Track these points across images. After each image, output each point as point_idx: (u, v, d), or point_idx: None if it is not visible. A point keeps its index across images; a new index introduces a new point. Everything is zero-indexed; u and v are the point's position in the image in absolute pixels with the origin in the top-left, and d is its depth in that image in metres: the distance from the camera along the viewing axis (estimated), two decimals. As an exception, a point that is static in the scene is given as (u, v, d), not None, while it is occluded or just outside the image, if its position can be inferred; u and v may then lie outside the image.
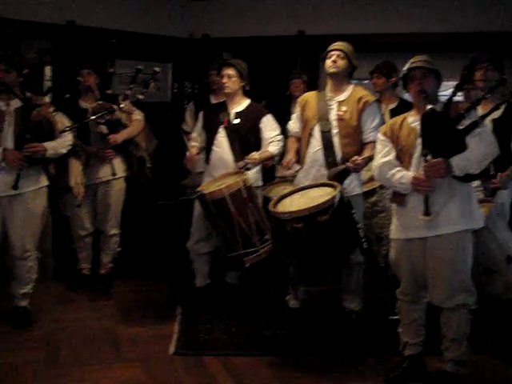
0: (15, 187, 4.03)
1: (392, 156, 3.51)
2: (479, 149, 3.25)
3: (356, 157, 3.99)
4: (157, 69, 4.96)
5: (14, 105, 4.11)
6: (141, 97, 4.96)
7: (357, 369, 3.78)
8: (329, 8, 6.32)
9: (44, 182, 4.28)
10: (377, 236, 4.93)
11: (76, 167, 4.59)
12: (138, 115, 4.99)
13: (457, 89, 3.46)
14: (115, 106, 4.71)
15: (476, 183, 4.08)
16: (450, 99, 3.39)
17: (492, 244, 3.76)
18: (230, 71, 4.58)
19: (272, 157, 4.61)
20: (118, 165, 4.94)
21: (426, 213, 3.29)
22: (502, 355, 3.93)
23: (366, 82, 5.63)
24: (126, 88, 4.99)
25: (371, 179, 4.57)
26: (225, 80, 4.60)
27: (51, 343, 4.05)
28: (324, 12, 6.33)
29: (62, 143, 4.26)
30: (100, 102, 4.73)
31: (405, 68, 3.52)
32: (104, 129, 4.73)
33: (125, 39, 6.17)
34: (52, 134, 4.22)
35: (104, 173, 4.88)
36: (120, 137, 4.81)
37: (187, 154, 4.65)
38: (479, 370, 3.71)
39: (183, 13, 6.76)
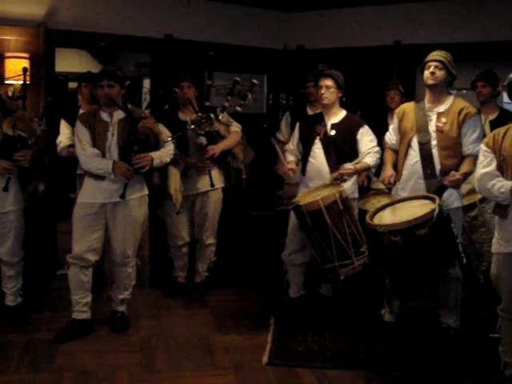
0: (123, 196, 4.19)
1: (493, 166, 3.41)
2: None
3: (453, 172, 3.90)
4: (255, 81, 5.04)
5: (117, 116, 4.27)
6: (239, 109, 5.05)
7: (452, 387, 3.69)
8: (425, 17, 6.20)
9: (146, 190, 4.42)
10: (476, 251, 4.77)
11: (175, 175, 4.71)
12: (235, 127, 5.07)
13: None
14: (213, 115, 4.81)
15: None
16: None
17: None
18: (328, 82, 4.58)
19: (368, 168, 4.58)
20: (216, 176, 5.01)
21: None
22: None
23: (464, 91, 5.50)
24: (224, 100, 5.10)
25: (471, 192, 4.46)
26: (323, 91, 4.59)
27: (147, 348, 4.16)
28: (419, 21, 6.22)
29: (166, 152, 4.39)
30: (199, 114, 4.83)
31: (511, 76, 3.41)
32: (203, 140, 4.83)
33: (221, 51, 6.27)
34: (157, 144, 4.36)
35: (202, 184, 4.98)
36: (218, 148, 4.88)
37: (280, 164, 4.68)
38: None
39: (278, 25, 6.81)
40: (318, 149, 4.65)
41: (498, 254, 3.45)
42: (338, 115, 4.71)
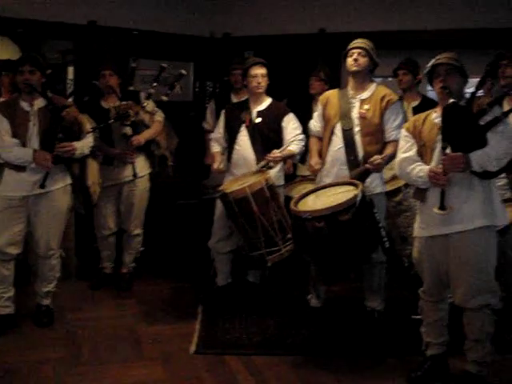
0: (42, 186, 4.06)
1: (413, 151, 3.48)
2: (500, 146, 3.20)
3: (376, 156, 3.98)
4: (183, 71, 5.00)
5: (37, 105, 4.14)
6: (165, 98, 5.01)
7: (378, 369, 3.75)
8: (349, 5, 6.28)
9: (68, 180, 4.30)
10: (401, 235, 4.90)
11: (93, 167, 4.61)
12: (159, 116, 5.01)
13: (480, 84, 3.43)
14: (138, 107, 4.74)
15: (503, 182, 4.05)
16: (472, 94, 3.36)
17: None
18: (264, 70, 4.60)
19: (293, 155, 4.61)
20: (141, 164, 4.96)
21: (442, 207, 3.24)
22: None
23: (390, 79, 5.60)
24: (150, 87, 5.02)
25: (395, 178, 4.55)
26: (260, 80, 4.59)
27: (73, 341, 4.07)
28: (345, 9, 6.29)
29: (87, 144, 4.29)
30: (123, 102, 4.74)
31: (429, 64, 3.47)
32: (128, 130, 4.75)
33: (146, 39, 6.21)
34: (80, 134, 4.25)
35: (127, 173, 4.90)
36: (143, 137, 4.83)
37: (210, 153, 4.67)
38: (503, 370, 3.67)
39: (204, 12, 6.75)
40: (243, 136, 4.66)
41: (420, 237, 3.53)
42: (264, 103, 4.72)
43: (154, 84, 4.96)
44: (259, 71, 4.58)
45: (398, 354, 3.93)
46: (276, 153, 4.45)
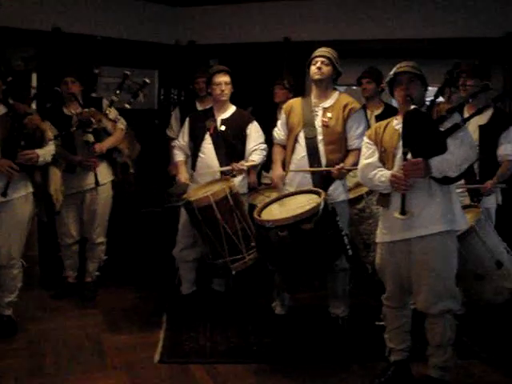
0: (4, 194, 4.00)
1: (375, 158, 3.53)
2: (459, 152, 3.26)
3: (342, 164, 4.01)
4: (147, 80, 4.99)
5: (-2, 112, 4.09)
6: (128, 106, 4.99)
7: (342, 375, 3.77)
8: (314, 14, 6.33)
9: (30, 188, 4.24)
10: (364, 242, 4.91)
11: (55, 174, 4.56)
12: (121, 124, 5.01)
13: (439, 92, 3.49)
14: (100, 115, 4.71)
15: (461, 189, 4.12)
16: (432, 101, 3.43)
17: (481, 249, 3.77)
18: (227, 78, 4.61)
19: (255, 166, 4.63)
20: (103, 172, 4.93)
21: (402, 212, 3.28)
22: (489, 360, 3.93)
23: (354, 88, 5.65)
24: (113, 94, 4.99)
25: (358, 185, 4.59)
26: (223, 87, 4.60)
27: (35, 352, 4.01)
28: (309, 18, 6.33)
29: (49, 151, 4.25)
30: (85, 110, 4.71)
31: (391, 73, 3.52)
32: (90, 137, 4.71)
33: (111, 46, 6.16)
34: (42, 142, 4.21)
35: (90, 181, 4.87)
36: (105, 145, 4.81)
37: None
38: (466, 375, 3.74)
39: (169, 19, 6.74)
40: (208, 144, 4.66)
41: (382, 243, 3.56)
42: (228, 111, 4.74)
43: (117, 92, 4.94)
44: (223, 79, 4.59)
45: (361, 360, 3.96)
46: (242, 164, 4.46)
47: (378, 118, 4.88)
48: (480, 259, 3.77)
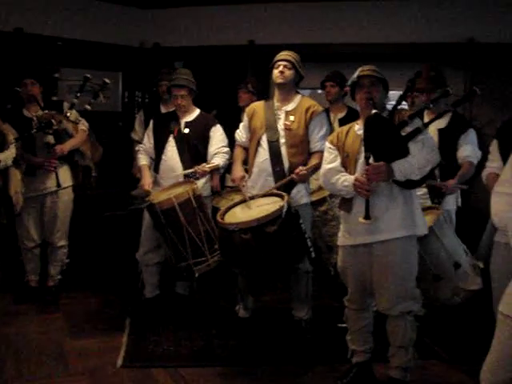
0: None
1: (337, 163, 3.55)
2: (421, 155, 3.30)
3: (300, 168, 4.03)
4: (107, 80, 4.95)
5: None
6: (88, 107, 4.94)
7: (306, 377, 3.79)
8: (278, 18, 6.37)
9: None
10: (327, 244, 4.94)
11: (15, 176, 4.51)
12: (83, 125, 4.96)
13: (401, 98, 3.53)
14: (61, 116, 4.66)
15: (422, 191, 4.17)
16: (394, 107, 3.46)
17: (440, 251, 3.80)
18: (183, 92, 4.60)
19: (218, 168, 4.63)
20: (64, 175, 4.88)
21: (366, 216, 3.30)
22: (450, 360, 3.99)
23: (320, 91, 5.69)
24: (74, 97, 4.95)
25: (321, 188, 4.61)
26: (179, 101, 4.61)
27: (-4, 357, 3.95)
28: (274, 21, 6.37)
29: (10, 155, 4.20)
30: (46, 112, 4.66)
31: (354, 76, 3.55)
32: (51, 139, 4.67)
33: (75, 48, 6.11)
34: (4, 145, 4.15)
35: (51, 183, 4.81)
36: (66, 147, 4.76)
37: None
38: (427, 375, 3.79)
39: (134, 21, 6.71)
40: (171, 147, 4.64)
41: (343, 246, 3.58)
42: (192, 113, 4.74)
43: (78, 94, 4.89)
44: (179, 93, 4.61)
45: (324, 362, 3.98)
46: (205, 166, 4.46)
47: (342, 122, 4.92)
48: (438, 260, 3.80)
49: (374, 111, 3.32)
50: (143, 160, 4.80)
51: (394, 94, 4.71)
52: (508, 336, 2.32)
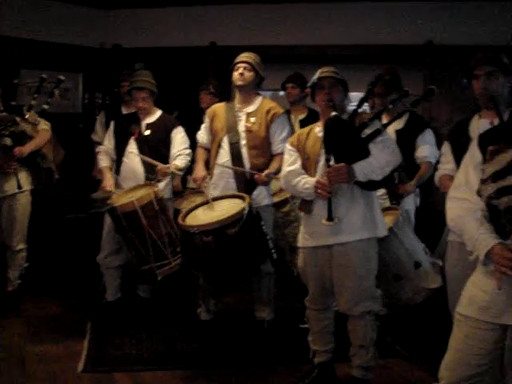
0: None
1: (298, 165, 3.55)
2: (382, 155, 3.33)
3: (267, 171, 4.05)
4: (61, 77, 4.88)
5: None
6: (46, 107, 4.86)
7: (268, 378, 3.79)
8: (240, 19, 6.39)
9: None
10: (290, 245, 4.95)
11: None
12: (44, 125, 4.86)
13: (361, 102, 3.55)
14: (18, 118, 4.58)
15: (381, 191, 4.22)
16: (355, 110, 3.48)
17: (400, 251, 3.83)
18: (144, 94, 4.59)
19: (179, 170, 4.62)
20: (24, 177, 4.79)
21: (329, 218, 3.31)
22: (411, 358, 4.04)
23: (282, 93, 5.70)
24: (32, 98, 4.88)
25: (283, 190, 4.61)
26: (140, 104, 4.60)
27: (-47, 364, 3.87)
28: (235, 23, 6.38)
29: None
30: (3, 114, 4.58)
31: (314, 77, 3.57)
32: (8, 141, 4.58)
33: (34, 49, 6.03)
34: None
35: (9, 186, 4.72)
36: (26, 149, 4.67)
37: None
38: (388, 373, 3.83)
39: (94, 22, 6.65)
40: (132, 149, 4.61)
41: (304, 247, 3.59)
42: (153, 115, 4.72)
43: (36, 95, 4.82)
44: (140, 95, 4.59)
45: (287, 362, 4.00)
46: (165, 167, 4.44)
47: (303, 123, 4.94)
48: (399, 260, 3.83)
49: (333, 113, 3.34)
50: (104, 162, 4.76)
51: (355, 96, 4.74)
52: (466, 335, 2.36)
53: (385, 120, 4.13)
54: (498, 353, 2.31)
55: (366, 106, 4.88)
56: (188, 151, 4.65)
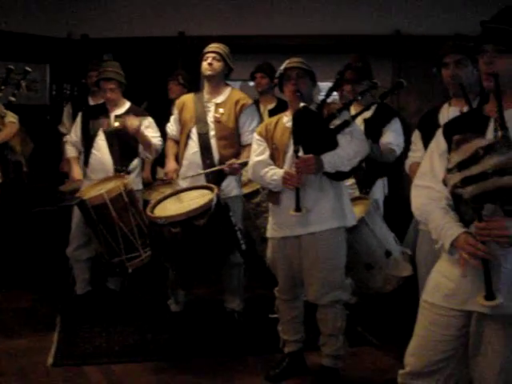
0: None
1: (266, 155, 3.56)
2: (350, 146, 3.35)
3: (233, 160, 4.04)
4: (28, 68, 4.82)
5: None
6: (12, 98, 4.81)
7: (238, 368, 3.81)
8: (208, 9, 6.34)
9: None
10: (261, 236, 4.96)
11: None
12: (11, 117, 4.80)
13: (330, 91, 3.56)
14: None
15: (350, 181, 4.24)
16: (323, 100, 3.49)
17: (371, 240, 3.86)
18: (112, 85, 4.54)
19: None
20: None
21: (297, 209, 3.32)
22: (381, 346, 4.09)
23: (252, 84, 5.69)
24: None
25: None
26: (109, 95, 4.56)
27: None
28: (204, 13, 6.34)
29: None
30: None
31: (281, 68, 3.57)
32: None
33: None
34: None
35: (-25, 181, 4.66)
36: (-7, 142, 4.62)
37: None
38: (358, 361, 3.87)
39: (61, 12, 6.54)
40: (101, 140, 4.58)
41: (273, 238, 3.60)
42: (122, 106, 4.68)
43: (2, 87, 4.75)
44: (108, 86, 4.55)
45: (257, 352, 4.02)
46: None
47: (272, 113, 4.95)
48: (370, 249, 3.86)
49: (302, 104, 3.35)
50: (71, 152, 4.73)
51: (324, 86, 4.76)
52: (431, 322, 2.39)
53: (354, 110, 4.14)
54: (463, 340, 2.34)
55: (336, 96, 4.94)
56: (158, 142, 4.61)
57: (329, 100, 3.61)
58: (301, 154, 3.31)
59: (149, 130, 4.58)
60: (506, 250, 2.15)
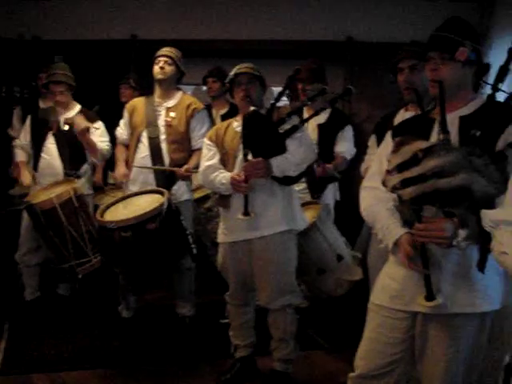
0: None
1: (216, 160, 3.56)
2: (298, 152, 3.38)
3: (186, 166, 4.04)
4: None
5: None
6: (-39, 102, 4.70)
7: (190, 374, 3.79)
8: (162, 13, 6.28)
9: None
10: (212, 241, 4.94)
11: None
12: None
13: (279, 96, 3.59)
14: None
15: (302, 186, 4.28)
16: (272, 104, 3.51)
17: (323, 245, 3.88)
18: (61, 88, 4.51)
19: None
20: None
21: (245, 213, 3.33)
22: (332, 350, 4.12)
23: (205, 88, 5.67)
24: None
25: (204, 185, 4.61)
26: (58, 97, 4.52)
27: None
28: (157, 16, 6.28)
29: None
30: None
31: (231, 73, 3.58)
32: None
33: None
34: None
35: None
36: None
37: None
38: (309, 365, 3.89)
39: (12, 12, 6.42)
40: (50, 144, 4.54)
41: (223, 243, 3.60)
42: (72, 109, 4.65)
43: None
44: (57, 89, 4.52)
45: (209, 358, 4.01)
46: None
47: (224, 118, 4.94)
48: (322, 254, 3.88)
49: (252, 108, 3.37)
50: (20, 156, 4.66)
51: (277, 91, 4.78)
52: (379, 324, 2.42)
53: (306, 114, 4.18)
54: (410, 342, 2.38)
55: (287, 101, 4.97)
56: (107, 146, 4.57)
57: (279, 104, 3.64)
58: (250, 157, 3.32)
59: (98, 133, 4.54)
60: (446, 251, 2.20)
